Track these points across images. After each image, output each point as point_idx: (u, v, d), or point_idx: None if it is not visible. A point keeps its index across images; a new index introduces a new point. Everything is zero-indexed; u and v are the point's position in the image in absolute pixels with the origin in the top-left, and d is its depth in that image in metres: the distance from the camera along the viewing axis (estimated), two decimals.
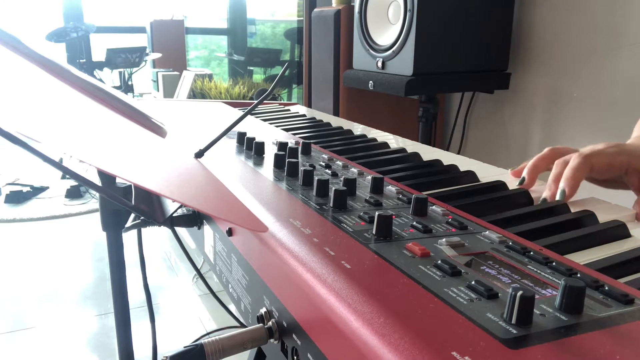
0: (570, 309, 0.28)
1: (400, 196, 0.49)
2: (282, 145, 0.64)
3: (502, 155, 1.82)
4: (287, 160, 0.56)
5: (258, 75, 5.12)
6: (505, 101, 1.78)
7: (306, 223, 0.41)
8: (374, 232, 0.39)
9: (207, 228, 0.55)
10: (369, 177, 0.53)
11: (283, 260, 0.36)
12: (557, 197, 0.53)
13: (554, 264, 0.35)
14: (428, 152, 0.77)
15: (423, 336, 0.26)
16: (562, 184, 0.53)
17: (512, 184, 0.61)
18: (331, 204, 0.46)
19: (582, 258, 0.42)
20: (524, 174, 0.59)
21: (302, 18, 4.16)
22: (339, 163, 0.62)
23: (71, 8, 4.19)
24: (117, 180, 0.49)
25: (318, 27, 1.97)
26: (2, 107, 0.32)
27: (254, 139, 0.67)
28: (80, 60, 3.64)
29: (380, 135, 0.92)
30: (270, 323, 0.38)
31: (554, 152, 0.59)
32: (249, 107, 0.59)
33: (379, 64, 1.58)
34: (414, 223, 0.42)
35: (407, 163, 0.72)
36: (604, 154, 0.53)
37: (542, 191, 0.57)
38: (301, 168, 0.53)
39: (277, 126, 0.93)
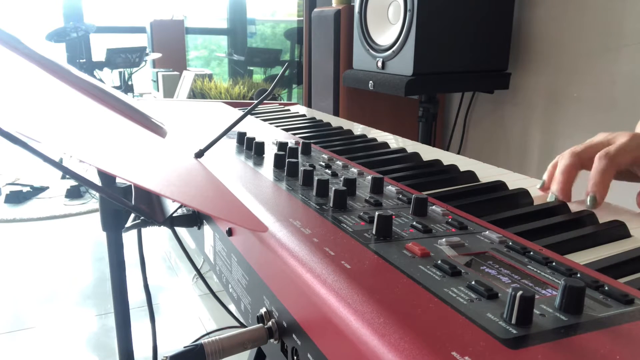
0: (570, 309, 0.28)
1: (400, 196, 0.49)
2: (282, 145, 0.64)
3: (502, 155, 1.82)
4: (287, 160, 0.56)
5: (258, 75, 5.12)
6: (505, 101, 1.78)
7: (306, 223, 0.41)
8: (374, 232, 0.39)
9: (207, 228, 0.55)
10: (369, 177, 0.53)
11: (283, 260, 0.36)
12: (588, 204, 0.50)
13: (554, 264, 0.35)
14: (428, 152, 0.77)
15: (423, 336, 0.26)
16: (591, 191, 0.49)
17: (514, 184, 0.61)
18: (331, 204, 0.46)
19: (582, 258, 0.42)
20: (556, 190, 0.53)
21: (302, 18, 4.16)
22: (339, 163, 0.62)
23: (71, 8, 4.19)
24: (117, 180, 0.49)
25: (318, 27, 1.97)
26: (2, 107, 0.32)
27: (254, 139, 0.67)
28: (80, 60, 3.64)
29: (380, 135, 0.92)
30: (270, 323, 0.38)
31: (579, 158, 0.53)
32: (249, 107, 0.59)
33: (379, 64, 1.58)
34: (414, 223, 0.42)
35: (407, 163, 0.72)
36: (628, 149, 0.49)
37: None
38: (301, 168, 0.53)
39: (277, 126, 0.93)
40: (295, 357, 0.35)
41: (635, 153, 0.50)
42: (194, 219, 0.56)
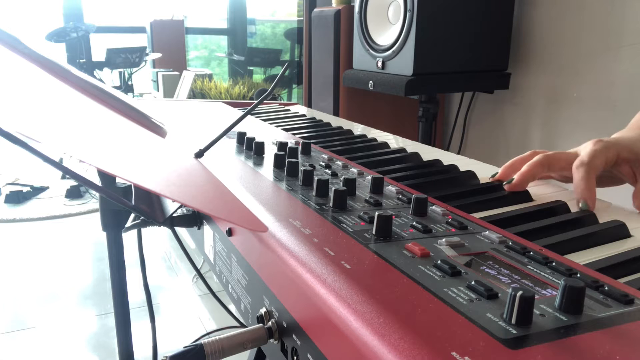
0: (570, 309, 0.28)
1: (400, 196, 0.49)
2: (282, 145, 0.64)
3: (502, 155, 1.82)
4: (287, 160, 0.56)
5: (258, 75, 5.12)
6: (505, 101, 1.78)
7: (306, 223, 0.41)
8: (374, 232, 0.39)
9: (207, 228, 0.55)
10: (369, 177, 0.53)
11: (283, 260, 0.36)
12: (581, 206, 0.52)
13: (554, 264, 0.35)
14: (428, 152, 0.77)
15: (423, 336, 0.26)
16: (581, 197, 0.52)
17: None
18: (331, 204, 0.46)
19: (582, 258, 0.42)
20: (516, 176, 0.57)
21: (302, 18, 4.16)
22: (339, 163, 0.62)
23: (71, 8, 4.20)
24: (117, 180, 0.49)
25: (318, 27, 1.97)
26: (2, 107, 0.32)
27: (254, 139, 0.67)
28: (80, 60, 3.65)
29: (380, 135, 0.92)
30: (270, 323, 0.38)
31: (548, 159, 0.57)
32: (249, 107, 0.59)
33: (379, 64, 1.58)
34: (414, 223, 0.42)
35: (407, 163, 0.72)
36: (598, 153, 0.53)
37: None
38: (301, 168, 0.53)
39: (277, 126, 0.93)
40: (295, 357, 0.35)
41: (606, 154, 0.54)
42: (194, 219, 0.56)
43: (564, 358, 0.24)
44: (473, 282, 0.31)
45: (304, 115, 1.11)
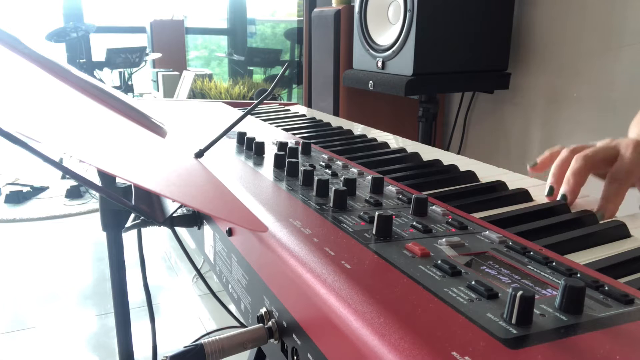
0: (570, 309, 0.28)
1: (400, 196, 0.49)
2: (282, 145, 0.64)
3: (502, 155, 1.82)
4: (287, 160, 0.56)
5: (258, 75, 5.12)
6: (505, 101, 1.78)
7: (306, 223, 0.41)
8: (374, 232, 0.39)
9: (207, 228, 0.55)
10: (369, 177, 0.53)
11: (283, 260, 0.36)
12: (597, 217, 0.50)
13: (554, 264, 0.35)
14: (428, 152, 0.77)
15: (423, 336, 0.26)
16: (603, 207, 0.50)
17: (514, 184, 0.61)
18: (331, 204, 0.46)
19: (582, 258, 0.42)
20: (567, 192, 0.53)
21: (302, 18, 4.16)
22: (339, 163, 0.62)
23: (71, 8, 4.20)
24: (117, 180, 0.49)
25: (318, 27, 1.97)
26: (2, 107, 0.32)
27: (254, 139, 0.67)
28: (80, 60, 3.65)
29: (380, 135, 0.92)
30: (270, 323, 0.38)
31: (593, 163, 0.54)
32: (249, 107, 0.59)
33: (379, 64, 1.58)
34: (414, 223, 0.42)
35: (407, 163, 0.72)
36: (637, 165, 0.51)
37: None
38: (301, 168, 0.53)
39: (277, 126, 0.93)
40: (295, 357, 0.35)
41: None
42: (194, 219, 0.56)
43: (564, 358, 0.24)
44: (473, 282, 0.31)
45: (304, 115, 1.11)
